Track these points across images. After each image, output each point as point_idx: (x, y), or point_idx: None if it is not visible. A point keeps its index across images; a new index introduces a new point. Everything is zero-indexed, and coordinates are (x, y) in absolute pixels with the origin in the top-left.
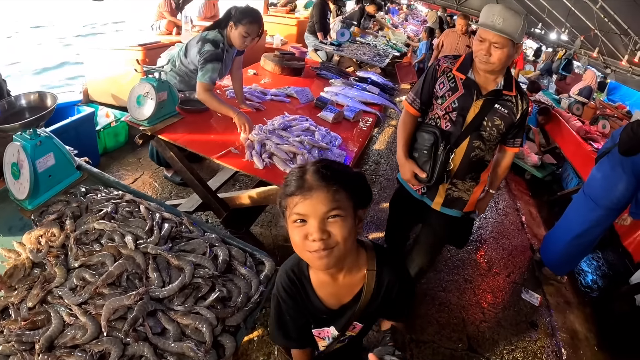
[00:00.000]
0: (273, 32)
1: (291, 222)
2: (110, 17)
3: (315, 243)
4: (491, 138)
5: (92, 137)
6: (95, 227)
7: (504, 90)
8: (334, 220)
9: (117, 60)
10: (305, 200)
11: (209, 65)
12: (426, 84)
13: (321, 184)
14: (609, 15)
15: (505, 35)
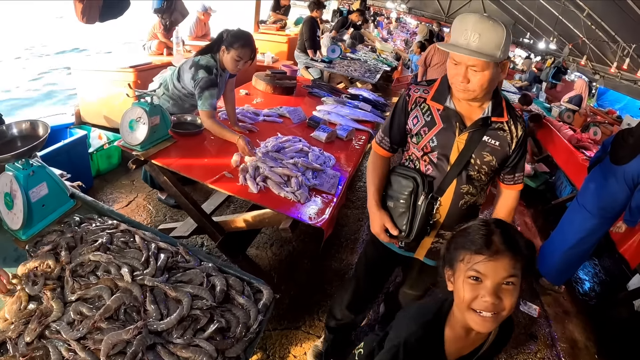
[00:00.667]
0: (264, 50)
1: (466, 277)
2: (102, 37)
3: (487, 304)
4: (481, 178)
5: (85, 159)
6: (90, 258)
7: (492, 117)
8: (508, 288)
9: (108, 82)
10: (488, 262)
11: (206, 92)
12: (396, 119)
13: (509, 251)
14: (596, 23)
15: (484, 58)
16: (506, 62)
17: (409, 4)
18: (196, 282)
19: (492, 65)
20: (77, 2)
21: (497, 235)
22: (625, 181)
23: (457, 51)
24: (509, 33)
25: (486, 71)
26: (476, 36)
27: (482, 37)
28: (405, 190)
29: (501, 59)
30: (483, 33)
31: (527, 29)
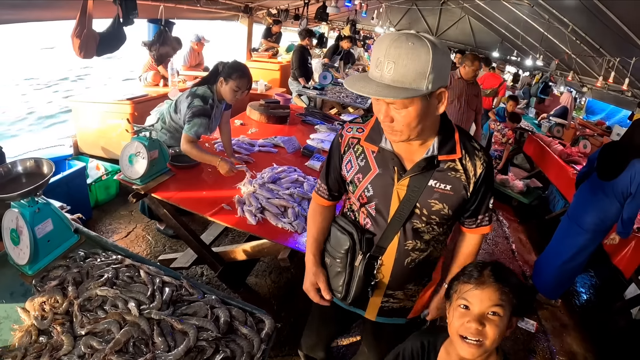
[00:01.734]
0: (257, 78)
1: (456, 305)
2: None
3: (470, 329)
4: (433, 230)
5: (83, 191)
6: (98, 293)
7: (439, 155)
8: (493, 318)
9: (106, 114)
10: (475, 290)
11: (197, 119)
12: (331, 165)
13: (494, 282)
14: (580, 37)
15: (399, 95)
16: (443, 91)
17: (397, 26)
18: (201, 314)
19: (418, 100)
20: (75, 38)
21: (487, 269)
22: (615, 196)
23: (365, 91)
24: (440, 54)
25: (411, 107)
26: (390, 66)
27: (397, 67)
28: (342, 247)
29: (430, 90)
30: (398, 61)
31: (514, 47)
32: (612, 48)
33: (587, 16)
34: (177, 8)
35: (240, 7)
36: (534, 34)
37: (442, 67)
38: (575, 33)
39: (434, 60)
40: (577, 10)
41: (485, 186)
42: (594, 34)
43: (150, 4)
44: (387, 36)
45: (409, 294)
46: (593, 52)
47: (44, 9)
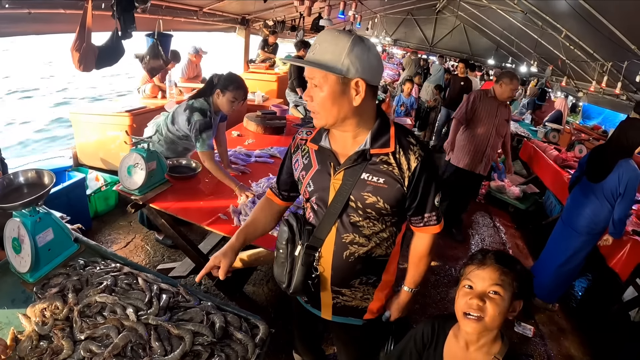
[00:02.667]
0: (254, 89)
1: (462, 286)
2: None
3: (471, 305)
4: (373, 226)
5: (83, 201)
6: (97, 300)
7: (372, 149)
8: (493, 297)
9: (105, 126)
10: (477, 270)
11: (204, 134)
12: (284, 165)
13: (495, 263)
14: (574, 43)
15: (315, 66)
16: (360, 82)
17: (393, 36)
18: (197, 320)
19: (333, 81)
20: (74, 51)
21: (491, 254)
22: (605, 197)
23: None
24: (359, 47)
25: (325, 86)
26: (316, 47)
27: (320, 47)
28: (283, 239)
29: (344, 74)
30: (321, 44)
31: (509, 53)
32: (605, 53)
33: (580, 22)
34: (175, 21)
35: (237, 19)
36: (528, 40)
37: (363, 60)
38: (568, 39)
39: (352, 49)
40: (570, 16)
41: (424, 182)
42: (587, 39)
43: (148, 17)
44: (325, 31)
45: (359, 293)
46: (587, 57)
47: (45, 22)
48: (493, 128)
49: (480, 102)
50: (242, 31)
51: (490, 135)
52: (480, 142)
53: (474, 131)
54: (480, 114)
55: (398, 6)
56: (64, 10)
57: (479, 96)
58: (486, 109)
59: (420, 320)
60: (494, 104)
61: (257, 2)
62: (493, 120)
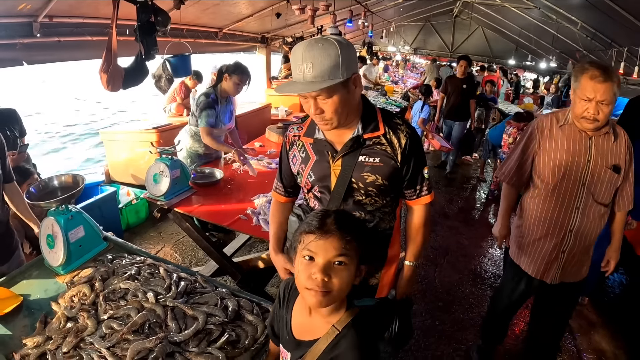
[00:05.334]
0: (277, 105)
1: (300, 256)
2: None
3: (316, 281)
4: (375, 202)
5: (115, 214)
6: (121, 286)
7: (365, 134)
8: (339, 267)
9: (134, 143)
10: (319, 240)
11: (204, 112)
12: (282, 163)
13: (337, 230)
14: (591, 34)
15: (324, 85)
16: (356, 76)
17: (413, 45)
18: (211, 303)
19: (338, 87)
20: (102, 73)
21: (330, 218)
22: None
23: (293, 90)
24: (346, 48)
25: (334, 96)
26: (309, 66)
27: (315, 65)
28: (293, 229)
29: (346, 77)
30: (314, 60)
31: (529, 51)
32: (621, 39)
33: (594, 11)
34: (197, 43)
35: (257, 38)
36: (546, 36)
37: (350, 58)
38: (585, 30)
39: (342, 53)
40: (583, 7)
41: (414, 156)
42: (604, 28)
43: (172, 40)
44: (299, 44)
45: (369, 270)
46: (604, 46)
47: (73, 50)
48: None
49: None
50: (263, 49)
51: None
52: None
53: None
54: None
55: (414, 14)
56: (91, 37)
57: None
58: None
59: (420, 306)
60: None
61: (275, 20)
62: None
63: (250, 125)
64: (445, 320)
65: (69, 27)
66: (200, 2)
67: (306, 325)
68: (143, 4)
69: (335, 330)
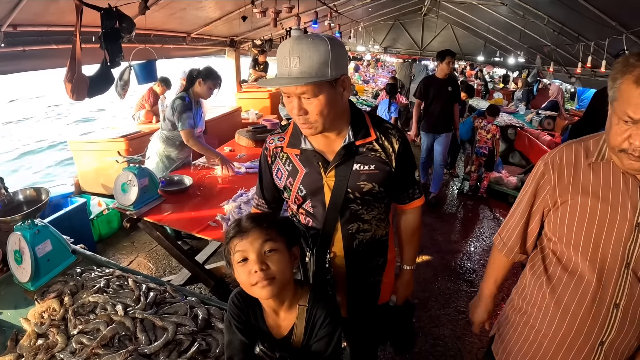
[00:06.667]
0: (247, 108)
1: (235, 263)
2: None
3: (257, 274)
4: (371, 210)
5: (86, 225)
6: (90, 300)
7: (356, 141)
8: (271, 254)
9: (102, 152)
10: (242, 240)
11: (184, 115)
12: (263, 178)
13: (254, 225)
14: (558, 28)
15: (310, 81)
16: (345, 77)
17: (383, 44)
18: (181, 313)
19: (325, 87)
20: (67, 82)
21: (243, 220)
22: None
23: (276, 83)
24: (336, 46)
25: (320, 95)
26: (295, 61)
27: (302, 60)
28: None
29: (335, 77)
30: (302, 55)
31: (498, 47)
32: (590, 34)
33: (561, 6)
34: (165, 48)
35: (225, 41)
36: (513, 32)
37: (341, 57)
38: (552, 25)
39: (333, 50)
40: (550, 2)
41: (406, 159)
42: (570, 22)
43: (138, 46)
44: (288, 39)
45: (371, 281)
46: (571, 40)
47: (39, 59)
48: None
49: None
50: (232, 53)
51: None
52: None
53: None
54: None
55: (383, 14)
56: (56, 45)
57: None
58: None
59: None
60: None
61: (243, 24)
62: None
63: (220, 129)
64: (422, 317)
65: (34, 36)
66: (166, 7)
67: (281, 324)
68: (107, 11)
69: (303, 306)
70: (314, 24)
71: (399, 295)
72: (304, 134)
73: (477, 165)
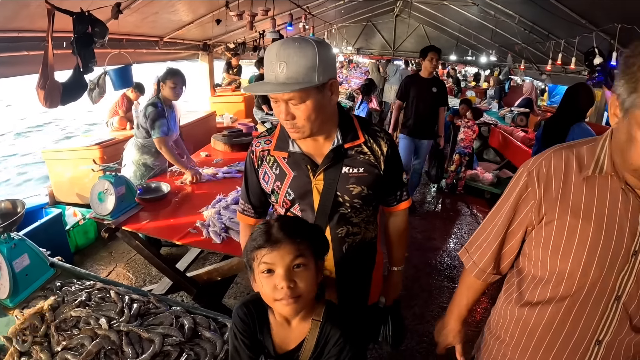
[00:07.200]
0: (222, 112)
1: (259, 272)
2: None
3: (283, 290)
4: (360, 213)
5: (62, 237)
6: (72, 314)
7: (345, 144)
8: (299, 270)
9: (76, 161)
10: (272, 252)
11: (157, 122)
12: (249, 182)
13: (286, 237)
14: (529, 27)
15: (296, 87)
16: (333, 81)
17: (356, 45)
18: (166, 324)
19: (313, 92)
20: (39, 90)
21: (275, 228)
22: None
23: (263, 90)
24: (324, 49)
25: (308, 101)
26: (282, 66)
27: (289, 65)
28: None
29: (322, 81)
30: (289, 60)
31: (469, 47)
32: (560, 32)
33: (531, 5)
34: (137, 53)
35: (198, 45)
36: (485, 31)
37: (328, 61)
38: (522, 23)
39: (320, 55)
40: (520, 1)
41: (394, 162)
42: (541, 21)
43: (112, 51)
44: (275, 43)
45: (360, 281)
46: (542, 38)
47: (10, 66)
48: None
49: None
50: (205, 57)
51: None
52: None
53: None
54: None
55: (356, 15)
56: (27, 52)
57: (560, 173)
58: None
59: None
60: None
61: (216, 27)
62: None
63: (195, 134)
64: (406, 315)
65: (5, 42)
66: (139, 11)
67: (290, 336)
68: (79, 16)
69: (317, 321)
70: (288, 26)
71: (388, 296)
72: (292, 137)
73: (457, 164)
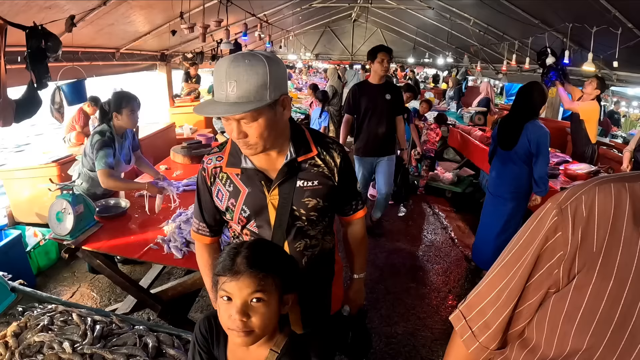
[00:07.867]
0: (181, 123)
1: (219, 296)
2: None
3: (236, 323)
4: (317, 225)
5: (23, 258)
6: (35, 340)
7: (298, 157)
8: (257, 305)
9: (34, 179)
10: (231, 282)
11: (101, 152)
12: (202, 200)
13: (248, 269)
14: (484, 28)
15: (247, 108)
16: (285, 97)
17: (314, 51)
18: (130, 344)
19: (265, 110)
20: None
21: (240, 257)
22: (522, 161)
23: (213, 112)
24: (275, 65)
25: (260, 119)
26: (232, 85)
27: (239, 84)
28: None
29: (274, 99)
30: (239, 78)
31: (426, 49)
32: (514, 32)
33: (485, 8)
34: (93, 65)
35: (156, 55)
36: (441, 33)
37: (279, 77)
38: (477, 25)
39: (271, 71)
40: (475, 4)
41: (348, 172)
42: (495, 22)
43: (66, 65)
44: (224, 59)
45: (322, 294)
46: (497, 39)
47: None
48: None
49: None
50: (163, 67)
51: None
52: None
53: None
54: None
55: (313, 21)
56: None
57: (606, 218)
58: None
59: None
60: None
61: (173, 37)
62: None
63: (155, 147)
64: (373, 318)
65: None
66: (93, 23)
67: (245, 359)
68: (32, 30)
69: (275, 352)
70: (243, 35)
71: (351, 305)
72: (245, 154)
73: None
